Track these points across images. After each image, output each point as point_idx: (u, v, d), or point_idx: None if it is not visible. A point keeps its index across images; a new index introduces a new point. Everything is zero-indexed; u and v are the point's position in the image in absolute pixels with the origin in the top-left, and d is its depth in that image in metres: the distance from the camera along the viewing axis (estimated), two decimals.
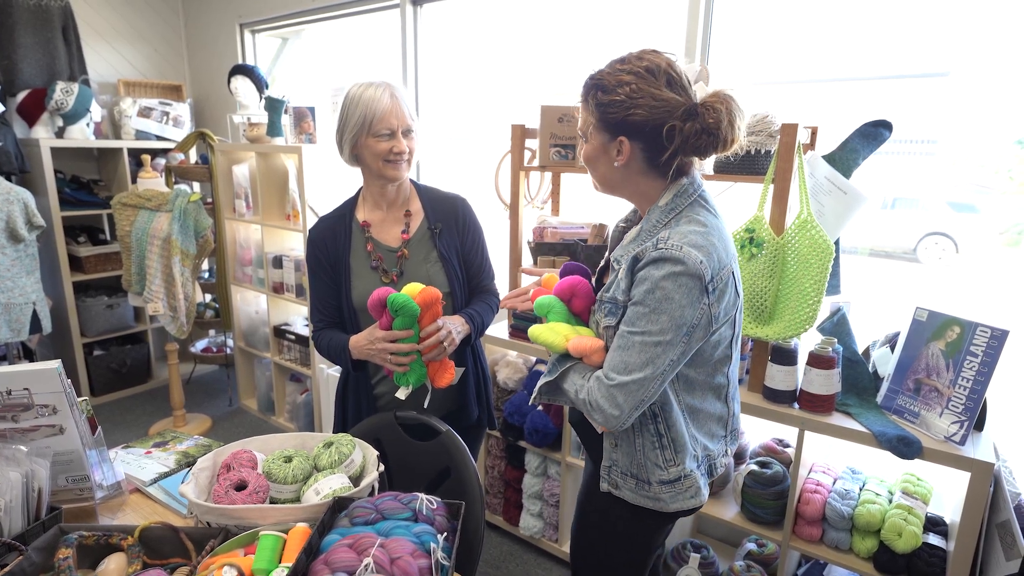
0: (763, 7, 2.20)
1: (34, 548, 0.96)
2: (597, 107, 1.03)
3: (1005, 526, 1.34)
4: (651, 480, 1.12)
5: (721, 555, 2.09)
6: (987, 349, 1.42)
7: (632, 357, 1.01)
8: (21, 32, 3.17)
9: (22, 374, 1.06)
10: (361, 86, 1.37)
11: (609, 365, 1.04)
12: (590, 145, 1.09)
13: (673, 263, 0.97)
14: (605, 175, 1.11)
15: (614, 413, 1.02)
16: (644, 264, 1.01)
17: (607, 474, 1.17)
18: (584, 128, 1.10)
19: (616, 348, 1.03)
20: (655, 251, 0.99)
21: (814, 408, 1.60)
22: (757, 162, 1.65)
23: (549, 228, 2.14)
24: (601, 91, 1.03)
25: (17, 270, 2.80)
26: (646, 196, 1.10)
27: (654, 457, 1.11)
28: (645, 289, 1.00)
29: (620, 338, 1.03)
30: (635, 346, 1.00)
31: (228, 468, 1.11)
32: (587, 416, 1.08)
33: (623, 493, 1.16)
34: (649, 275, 1.00)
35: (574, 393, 1.08)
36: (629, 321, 1.02)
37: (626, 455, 1.14)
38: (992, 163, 2.15)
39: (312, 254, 1.48)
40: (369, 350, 1.33)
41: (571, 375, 1.11)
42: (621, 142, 1.04)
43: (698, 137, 0.99)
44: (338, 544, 0.87)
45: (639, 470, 1.13)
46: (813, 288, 1.56)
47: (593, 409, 1.05)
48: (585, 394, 1.06)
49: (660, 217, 1.06)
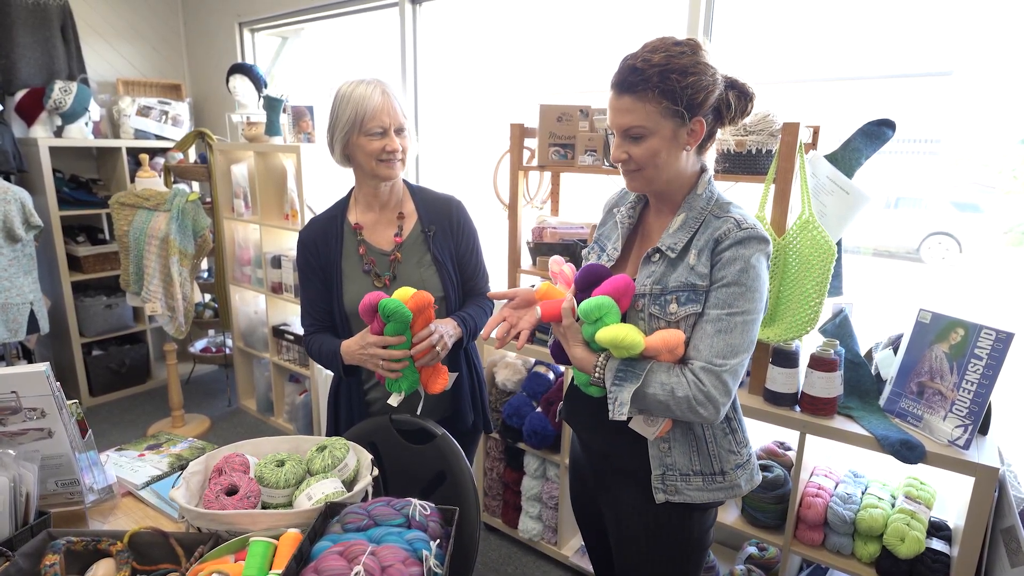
0: (764, 6, 2.18)
1: (21, 554, 0.95)
2: (682, 91, 0.98)
3: (1010, 532, 1.31)
4: (725, 469, 1.11)
5: (722, 559, 2.07)
6: (992, 352, 1.40)
7: (736, 339, 0.99)
8: (19, 31, 3.16)
9: (9, 377, 1.04)
10: (352, 84, 1.34)
11: (712, 351, 0.99)
12: (658, 138, 1.02)
13: (759, 241, 1.01)
14: (672, 165, 1.05)
15: (724, 401, 0.99)
16: (731, 244, 1.01)
17: (661, 482, 1.10)
18: (647, 122, 1.01)
19: (715, 333, 1.00)
20: (740, 231, 1.01)
21: (815, 411, 1.58)
22: (758, 162, 1.63)
23: (548, 228, 2.13)
24: (677, 74, 0.98)
25: (14, 270, 2.79)
26: (686, 183, 1.09)
27: (727, 444, 1.11)
28: (739, 269, 1.00)
29: (716, 322, 1.00)
30: (738, 327, 1.00)
31: (220, 472, 1.09)
32: (682, 415, 1.00)
33: (687, 496, 1.10)
34: (739, 254, 1.00)
35: (667, 393, 0.99)
36: (724, 303, 1.00)
37: (683, 454, 1.10)
38: (996, 162, 2.13)
39: (302, 256, 1.44)
40: (361, 356, 1.29)
41: (655, 376, 1.01)
42: (697, 123, 1.02)
43: (741, 102, 1.05)
44: (329, 551, 0.85)
45: (708, 463, 1.10)
46: (815, 289, 1.53)
47: (699, 404, 0.98)
48: (686, 390, 0.99)
49: (704, 204, 1.07)
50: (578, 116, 1.95)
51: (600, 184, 2.08)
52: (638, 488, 1.14)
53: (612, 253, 1.18)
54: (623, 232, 1.18)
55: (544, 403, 2.13)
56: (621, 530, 1.20)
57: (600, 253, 1.21)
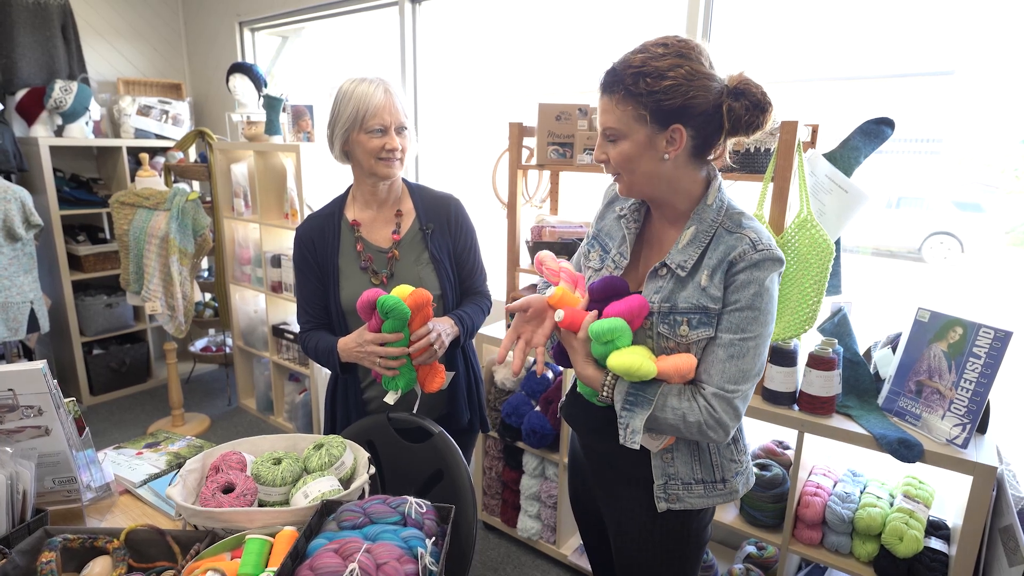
0: (767, 5, 2.17)
1: (18, 551, 0.95)
2: (650, 95, 0.93)
3: (1008, 531, 1.31)
4: (726, 477, 1.11)
5: (720, 558, 2.07)
6: (990, 350, 1.40)
7: (748, 364, 0.98)
8: (20, 30, 3.17)
9: (6, 375, 1.05)
10: (354, 81, 1.34)
11: (724, 377, 0.98)
12: (630, 142, 0.98)
13: (774, 262, 0.98)
14: (650, 172, 1.00)
15: (734, 424, 0.99)
16: (746, 267, 0.97)
17: (663, 492, 1.10)
18: (619, 125, 0.98)
19: (728, 359, 0.98)
20: (756, 253, 0.97)
21: (814, 410, 1.58)
22: (757, 160, 1.63)
23: (547, 227, 2.12)
24: (650, 78, 0.93)
25: (14, 269, 2.79)
26: (687, 193, 1.04)
27: (729, 453, 1.11)
28: (753, 293, 0.97)
29: (729, 347, 0.98)
30: (750, 352, 0.98)
31: (217, 470, 1.09)
32: (691, 437, 1.00)
33: (688, 503, 1.10)
34: (754, 277, 0.97)
35: (678, 418, 0.99)
36: (737, 327, 0.98)
37: (686, 464, 1.09)
38: (998, 162, 2.13)
39: (299, 253, 1.44)
40: (358, 353, 1.29)
41: (668, 400, 1.00)
42: (675, 130, 0.96)
43: (750, 113, 0.95)
44: (324, 549, 0.85)
45: (710, 472, 1.10)
46: (813, 288, 1.53)
47: (710, 428, 0.98)
48: (697, 415, 0.98)
49: (715, 217, 1.02)
50: (577, 115, 1.95)
51: (599, 183, 2.08)
52: (639, 491, 1.13)
53: (619, 260, 1.12)
54: (630, 238, 1.12)
55: (543, 402, 2.13)
56: (621, 531, 1.20)
57: (603, 254, 1.16)
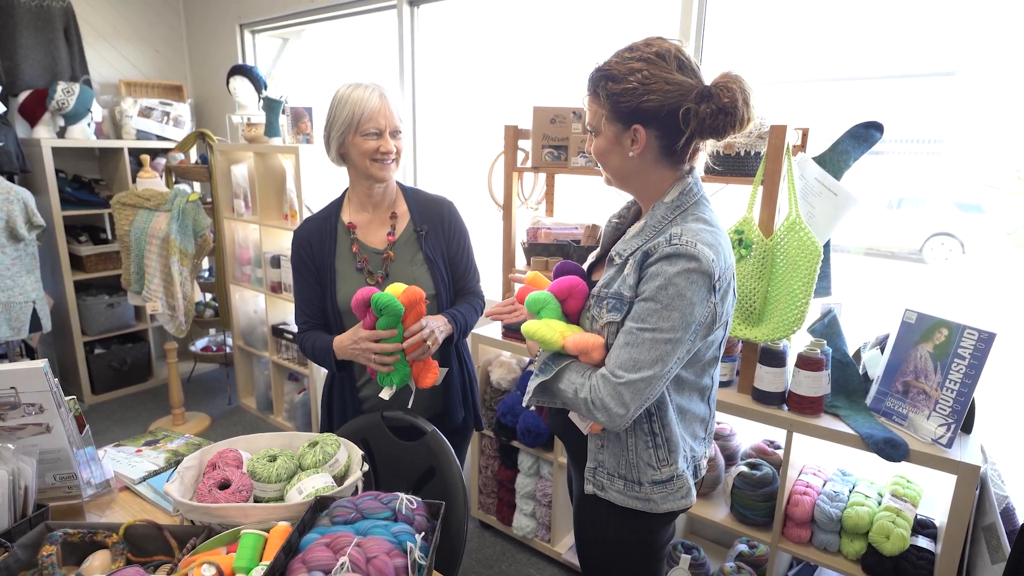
0: (765, 6, 2.19)
1: (19, 545, 0.97)
2: (608, 97, 1.01)
3: (991, 529, 1.33)
4: (642, 480, 1.11)
5: (712, 556, 2.09)
6: (975, 351, 1.42)
7: (642, 354, 0.98)
8: (23, 33, 3.20)
9: (8, 373, 1.07)
10: (350, 86, 1.37)
11: (616, 362, 1.01)
12: (602, 138, 1.07)
13: (687, 259, 0.97)
14: (619, 168, 1.09)
15: (620, 412, 0.99)
16: (656, 259, 0.99)
17: (592, 476, 1.16)
18: (594, 122, 1.07)
19: (623, 345, 1.01)
20: (668, 247, 0.98)
21: (802, 410, 1.60)
22: (747, 163, 1.65)
23: (543, 229, 2.15)
24: (611, 80, 1.00)
25: (17, 269, 2.82)
26: (655, 189, 1.08)
27: (647, 457, 1.10)
28: (657, 285, 0.98)
29: (627, 335, 1.01)
30: (645, 343, 0.98)
31: (213, 467, 1.12)
32: (585, 416, 1.05)
33: (610, 495, 1.15)
34: (662, 270, 0.98)
35: (572, 392, 1.04)
36: (638, 317, 1.00)
37: (613, 456, 1.13)
38: (1000, 163, 2.13)
39: (297, 255, 1.48)
40: (353, 350, 1.33)
41: (568, 374, 1.06)
42: (636, 130, 1.02)
43: (715, 118, 0.98)
44: (316, 543, 0.88)
45: (629, 470, 1.12)
46: (801, 290, 1.56)
47: (596, 408, 1.01)
48: (587, 392, 1.02)
49: (666, 213, 1.05)
50: (571, 118, 1.97)
51: (594, 185, 2.10)
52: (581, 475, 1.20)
53: (596, 254, 1.22)
54: (608, 230, 1.22)
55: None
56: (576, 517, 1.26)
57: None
